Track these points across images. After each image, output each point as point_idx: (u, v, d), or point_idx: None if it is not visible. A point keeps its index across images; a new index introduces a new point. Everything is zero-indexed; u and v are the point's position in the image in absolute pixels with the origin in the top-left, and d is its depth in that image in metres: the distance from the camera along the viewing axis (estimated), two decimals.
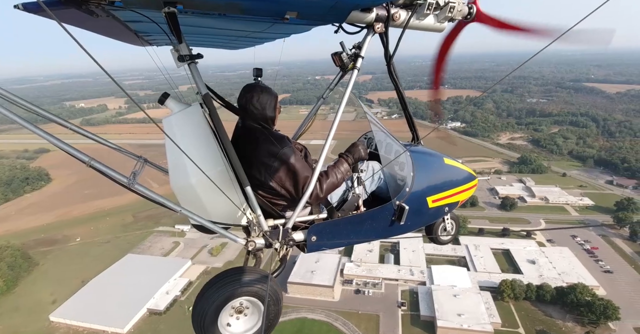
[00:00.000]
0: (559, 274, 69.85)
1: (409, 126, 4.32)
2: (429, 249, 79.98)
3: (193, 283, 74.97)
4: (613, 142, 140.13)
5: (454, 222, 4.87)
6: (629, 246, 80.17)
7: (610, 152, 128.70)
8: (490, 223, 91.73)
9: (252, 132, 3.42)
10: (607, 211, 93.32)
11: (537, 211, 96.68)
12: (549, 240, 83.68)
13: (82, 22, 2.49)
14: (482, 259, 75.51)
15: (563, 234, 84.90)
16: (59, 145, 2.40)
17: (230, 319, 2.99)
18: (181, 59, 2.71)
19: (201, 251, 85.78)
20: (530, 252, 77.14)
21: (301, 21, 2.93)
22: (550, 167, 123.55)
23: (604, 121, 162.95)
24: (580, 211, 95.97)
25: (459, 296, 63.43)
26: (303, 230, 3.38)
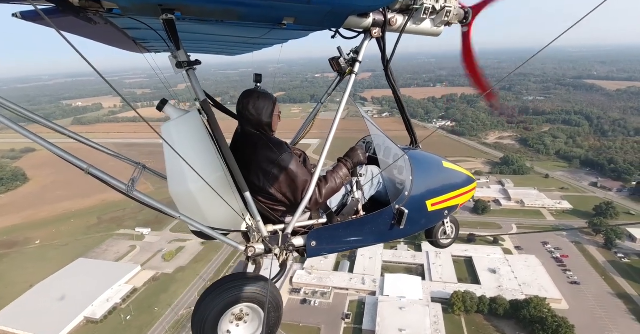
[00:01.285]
0: (520, 285, 64.29)
1: (407, 130, 4.16)
2: (387, 256, 75.08)
3: (138, 289, 71.36)
4: (604, 141, 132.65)
5: (453, 225, 4.67)
6: (603, 254, 73.92)
7: (599, 152, 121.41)
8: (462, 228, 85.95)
9: (250, 138, 3.35)
10: (585, 215, 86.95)
11: (511, 215, 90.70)
12: (517, 247, 77.87)
13: (81, 30, 2.51)
14: (440, 267, 70.26)
15: (533, 241, 78.99)
16: (58, 152, 2.32)
17: (230, 326, 2.89)
18: (179, 65, 2.66)
19: (155, 256, 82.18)
20: (494, 260, 71.53)
21: (298, 27, 2.89)
22: (534, 168, 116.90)
23: (598, 119, 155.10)
24: (556, 216, 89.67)
25: (405, 308, 58.46)
26: (303, 235, 3.30)
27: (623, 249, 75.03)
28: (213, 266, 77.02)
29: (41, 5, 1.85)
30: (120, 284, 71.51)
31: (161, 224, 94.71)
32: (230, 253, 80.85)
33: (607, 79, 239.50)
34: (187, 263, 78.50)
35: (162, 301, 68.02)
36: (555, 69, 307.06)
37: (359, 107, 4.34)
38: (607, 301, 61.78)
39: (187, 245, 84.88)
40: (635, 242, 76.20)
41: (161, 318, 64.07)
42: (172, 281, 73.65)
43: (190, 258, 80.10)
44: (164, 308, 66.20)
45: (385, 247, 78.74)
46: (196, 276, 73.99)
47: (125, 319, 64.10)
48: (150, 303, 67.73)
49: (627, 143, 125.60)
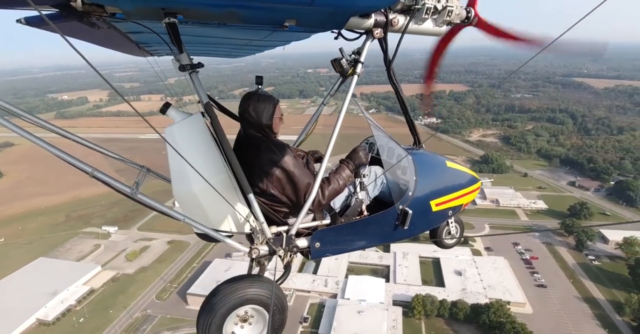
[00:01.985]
0: (485, 288, 62.14)
1: (410, 130, 4.14)
2: (354, 257, 72.58)
3: (96, 290, 68.77)
4: (586, 140, 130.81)
5: (458, 225, 4.58)
6: (573, 256, 71.95)
7: (579, 151, 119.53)
8: None
9: (252, 140, 3.34)
10: (560, 215, 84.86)
11: (485, 214, 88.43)
12: (487, 248, 75.74)
13: (84, 35, 2.51)
14: (406, 269, 68.01)
15: (503, 242, 76.86)
16: (61, 156, 2.33)
17: (235, 328, 2.86)
18: (182, 68, 2.65)
19: (118, 255, 79.48)
20: (461, 262, 69.32)
21: (300, 28, 2.89)
22: (513, 166, 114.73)
23: (582, 117, 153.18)
24: (531, 216, 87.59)
25: (363, 312, 56.18)
26: (306, 236, 3.27)
27: (594, 251, 73.07)
28: (176, 267, 74.50)
29: (45, 11, 1.86)
30: (77, 285, 68.86)
31: (129, 222, 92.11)
32: (195, 253, 78.41)
33: (596, 77, 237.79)
34: (149, 263, 75.91)
35: (118, 303, 65.46)
36: (546, 66, 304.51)
37: (362, 109, 4.16)
38: (572, 305, 59.79)
39: (152, 244, 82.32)
40: (607, 244, 74.21)
41: (114, 321, 61.55)
42: (132, 282, 71.09)
43: (154, 258, 77.51)
44: (119, 311, 63.65)
45: None
46: (157, 277, 71.47)
47: (78, 321, 61.56)
48: (106, 305, 65.20)
49: (608, 142, 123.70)
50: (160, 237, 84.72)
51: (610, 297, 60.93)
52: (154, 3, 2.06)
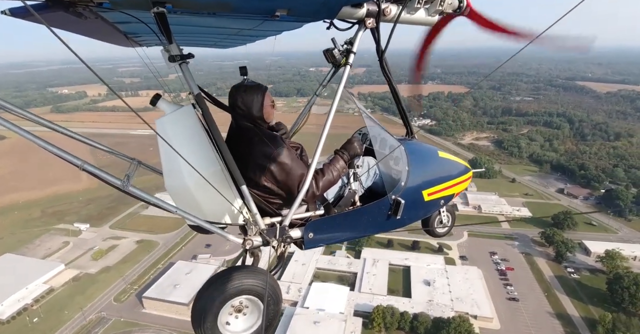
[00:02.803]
0: (452, 300, 58.71)
1: (403, 120, 4.15)
2: (322, 263, 69.74)
3: (55, 290, 66.62)
4: (581, 145, 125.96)
5: (450, 214, 4.73)
6: (552, 268, 68.10)
7: (571, 157, 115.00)
8: (407, 234, 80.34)
9: (245, 132, 3.27)
10: (543, 224, 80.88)
11: (466, 221, 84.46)
12: (462, 257, 72.12)
13: (71, 25, 2.45)
14: (374, 277, 64.79)
15: (480, 251, 73.28)
16: (50, 149, 2.26)
17: (230, 318, 2.86)
18: (172, 59, 2.59)
19: (85, 254, 77.17)
20: (432, 271, 65.88)
21: (292, 18, 2.80)
22: (501, 171, 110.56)
23: (579, 122, 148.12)
24: (513, 224, 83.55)
25: (320, 323, 53.11)
26: (300, 227, 3.23)
27: (575, 263, 69.14)
28: (140, 268, 72.04)
29: (30, 1, 1.81)
30: (37, 283, 66.77)
31: (102, 220, 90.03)
32: (162, 254, 75.93)
33: (600, 81, 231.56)
34: (114, 263, 73.53)
35: (75, 303, 63.20)
36: (550, 69, 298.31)
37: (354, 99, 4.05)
38: (543, 321, 56.15)
39: (121, 243, 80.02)
40: (589, 256, 70.22)
41: (68, 322, 59.34)
42: (93, 282, 68.79)
43: (120, 258, 75.11)
44: (74, 312, 61.40)
45: (324, 253, 73.46)
46: (119, 278, 69.03)
47: (32, 321, 59.39)
48: (62, 305, 62.99)
49: (603, 148, 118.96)
50: (130, 236, 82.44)
51: (585, 313, 57.16)
52: None
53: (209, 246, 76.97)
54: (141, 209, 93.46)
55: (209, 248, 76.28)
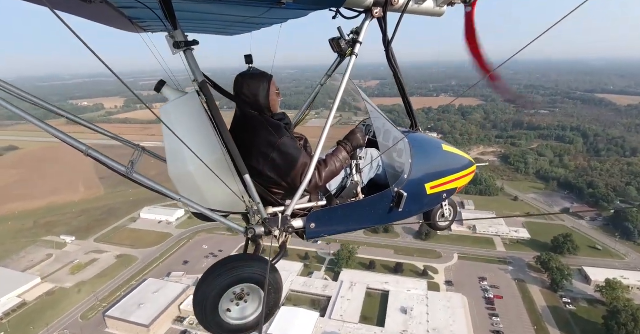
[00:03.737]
0: (429, 331, 53.62)
1: (408, 113, 4.10)
2: (297, 285, 65.81)
3: (28, 304, 65.26)
4: (594, 161, 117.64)
5: (452, 208, 4.55)
6: (545, 298, 61.82)
7: (580, 174, 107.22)
8: (393, 254, 75.60)
9: (249, 120, 3.22)
10: (543, 247, 74.55)
11: (459, 242, 79.25)
12: (448, 282, 66.64)
13: (76, 9, 2.40)
14: (348, 302, 60.37)
15: (469, 276, 67.68)
16: (57, 134, 2.23)
17: (231, 305, 2.85)
18: (177, 45, 2.59)
19: (65, 267, 75.96)
20: (412, 297, 60.89)
21: (298, 6, 2.74)
22: (504, 188, 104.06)
23: (595, 136, 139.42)
24: (509, 246, 77.52)
25: None
26: (302, 217, 3.21)
27: (572, 292, 62.65)
28: (114, 284, 70.04)
29: None
30: (10, 296, 65.66)
31: (89, 232, 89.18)
32: (139, 270, 73.84)
33: (621, 94, 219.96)
34: (90, 278, 71.88)
35: (44, 319, 61.51)
36: (570, 81, 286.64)
37: (359, 90, 3.73)
38: None
39: (102, 257, 78.53)
40: (589, 285, 63.59)
41: None
42: (66, 297, 67.15)
43: (97, 273, 73.44)
44: (40, 328, 59.65)
45: (301, 274, 69.66)
46: (92, 294, 67.18)
47: None
48: (31, 321, 61.43)
49: (617, 164, 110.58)
50: (112, 250, 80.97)
51: None
52: None
53: (187, 263, 74.59)
54: (129, 223, 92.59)
55: (186, 265, 73.84)
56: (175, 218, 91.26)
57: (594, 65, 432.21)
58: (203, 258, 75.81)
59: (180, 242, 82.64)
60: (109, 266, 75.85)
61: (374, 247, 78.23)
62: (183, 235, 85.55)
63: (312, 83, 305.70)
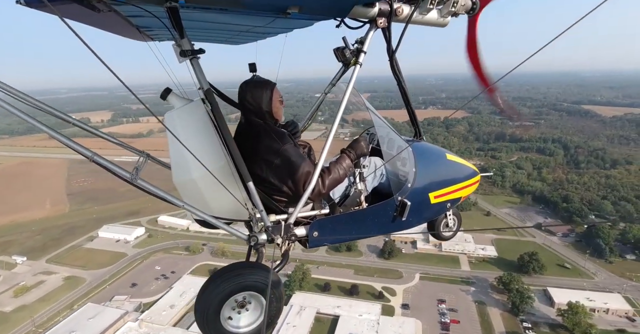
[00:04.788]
0: None
1: (411, 121, 4.09)
2: None
3: None
4: (573, 174, 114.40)
5: (456, 218, 4.48)
6: (505, 322, 57.72)
7: (556, 187, 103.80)
8: (352, 274, 71.61)
9: (253, 128, 3.23)
10: (509, 266, 70.69)
11: (423, 261, 75.36)
12: (404, 305, 62.50)
13: (84, 17, 2.43)
14: (294, 329, 56.23)
15: (428, 297, 63.65)
16: (62, 140, 2.27)
17: (232, 313, 2.82)
18: (183, 54, 2.60)
19: (10, 289, 71.71)
20: (362, 322, 56.77)
21: (303, 16, 2.81)
22: (477, 203, 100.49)
23: (575, 148, 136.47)
24: (475, 265, 73.59)
25: None
26: (305, 225, 3.20)
27: (535, 315, 58.59)
28: (55, 308, 65.85)
29: None
30: None
31: (44, 252, 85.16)
32: (83, 294, 69.72)
33: (608, 105, 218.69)
34: (32, 301, 67.75)
35: None
36: (559, 93, 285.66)
37: (363, 99, 3.86)
38: None
39: (49, 279, 74.49)
40: (553, 307, 59.49)
41: None
42: (4, 321, 62.96)
43: (40, 296, 69.34)
44: None
45: None
46: (29, 319, 63.07)
47: None
48: None
49: (595, 177, 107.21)
50: (61, 271, 76.93)
51: None
52: None
53: (135, 285, 70.56)
54: (86, 242, 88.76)
55: (133, 288, 69.80)
56: (133, 237, 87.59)
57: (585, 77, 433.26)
58: (153, 280, 71.96)
59: (134, 263, 78.71)
60: (54, 288, 71.79)
61: (334, 267, 74.35)
62: (138, 255, 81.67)
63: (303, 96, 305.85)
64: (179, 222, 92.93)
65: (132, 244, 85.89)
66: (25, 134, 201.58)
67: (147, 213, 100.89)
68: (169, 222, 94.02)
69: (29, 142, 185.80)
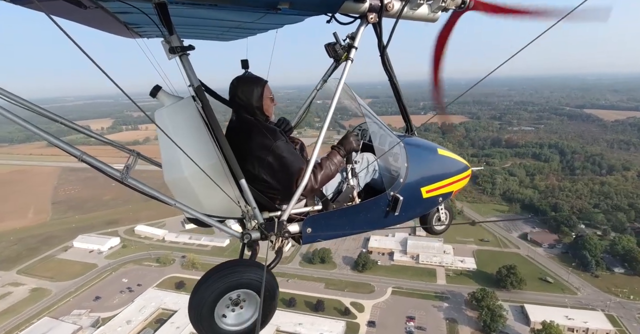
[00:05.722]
0: None
1: (403, 117, 4.04)
2: None
3: None
4: (566, 181, 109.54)
5: (447, 212, 4.52)
6: None
7: (548, 194, 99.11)
8: (323, 288, 68.27)
9: (244, 124, 3.21)
10: (487, 279, 66.68)
11: (399, 273, 71.70)
12: (370, 322, 58.89)
13: (71, 14, 2.39)
14: None
15: (397, 314, 60.02)
16: (51, 140, 2.22)
17: (227, 311, 2.82)
18: (172, 51, 2.55)
19: None
20: None
21: (293, 11, 2.84)
22: (462, 212, 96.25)
23: (572, 154, 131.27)
24: (452, 278, 69.62)
25: None
26: (298, 222, 3.19)
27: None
28: (15, 321, 63.77)
29: None
30: None
31: (16, 262, 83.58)
32: (46, 306, 67.61)
33: (611, 109, 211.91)
34: None
35: None
36: (562, 97, 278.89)
37: (354, 94, 3.77)
38: None
39: (16, 291, 72.70)
40: (528, 326, 55.30)
41: None
42: None
43: (4, 308, 67.36)
44: None
45: None
46: None
47: None
48: None
49: (588, 185, 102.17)
50: (30, 282, 75.14)
51: None
52: None
53: (98, 298, 68.28)
54: (60, 252, 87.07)
55: (96, 301, 67.48)
56: (107, 247, 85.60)
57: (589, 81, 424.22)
58: (118, 292, 69.64)
59: (102, 275, 76.52)
60: (19, 300, 69.89)
61: (305, 280, 71.10)
62: (109, 266, 79.53)
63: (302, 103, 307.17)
64: (155, 232, 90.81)
65: (104, 255, 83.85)
66: (24, 142, 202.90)
67: (126, 222, 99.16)
68: (146, 232, 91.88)
69: (26, 150, 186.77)
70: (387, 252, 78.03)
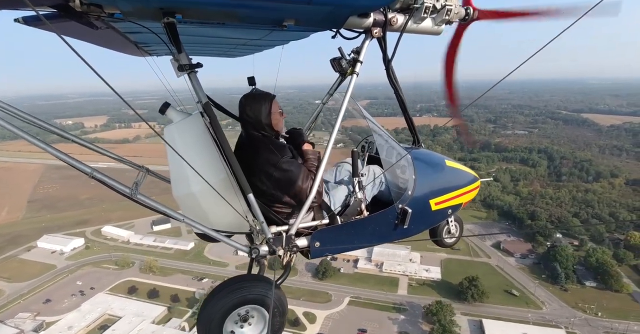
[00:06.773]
0: None
1: (410, 129, 4.05)
2: None
3: None
4: (550, 187, 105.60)
5: (457, 224, 4.50)
6: None
7: (528, 201, 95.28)
8: None
9: (253, 140, 3.24)
10: (450, 291, 63.42)
11: (359, 282, 68.58)
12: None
13: (82, 35, 2.48)
14: None
15: (349, 326, 57.05)
16: (61, 157, 2.22)
17: (235, 327, 2.79)
18: (181, 68, 2.58)
19: None
20: None
21: (299, 28, 2.89)
22: None
23: (560, 159, 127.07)
24: (414, 289, 66.38)
25: None
26: (306, 236, 3.16)
27: None
28: None
29: (42, 11, 1.84)
30: None
31: None
32: None
33: (610, 113, 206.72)
34: None
35: None
36: (561, 101, 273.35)
37: (360, 108, 3.78)
38: None
39: None
40: None
41: None
42: None
43: None
44: None
45: (158, 321, 60.06)
46: None
47: None
48: None
49: (571, 192, 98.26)
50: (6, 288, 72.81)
51: None
52: (152, 3, 2.01)
53: (48, 301, 66.12)
54: (23, 252, 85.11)
55: (45, 304, 65.28)
56: (70, 248, 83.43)
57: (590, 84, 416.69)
58: (69, 296, 67.37)
59: (59, 277, 74.33)
60: None
61: None
62: (67, 268, 77.30)
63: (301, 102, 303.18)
64: (121, 234, 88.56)
65: (66, 256, 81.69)
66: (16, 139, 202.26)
67: (95, 223, 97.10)
68: (112, 234, 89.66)
69: (15, 147, 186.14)
70: (353, 259, 74.93)
